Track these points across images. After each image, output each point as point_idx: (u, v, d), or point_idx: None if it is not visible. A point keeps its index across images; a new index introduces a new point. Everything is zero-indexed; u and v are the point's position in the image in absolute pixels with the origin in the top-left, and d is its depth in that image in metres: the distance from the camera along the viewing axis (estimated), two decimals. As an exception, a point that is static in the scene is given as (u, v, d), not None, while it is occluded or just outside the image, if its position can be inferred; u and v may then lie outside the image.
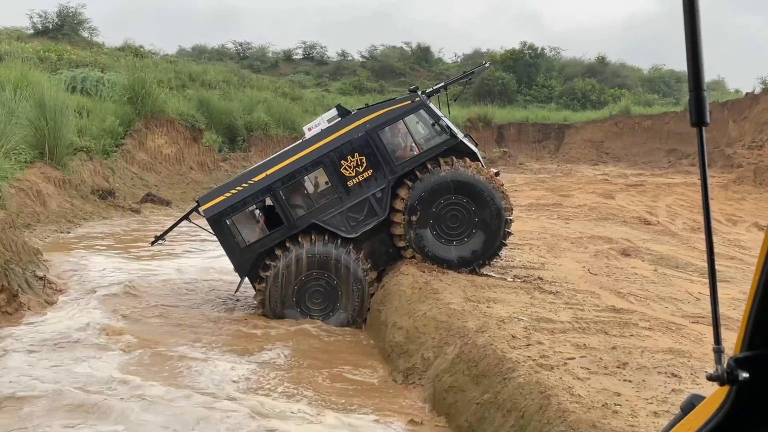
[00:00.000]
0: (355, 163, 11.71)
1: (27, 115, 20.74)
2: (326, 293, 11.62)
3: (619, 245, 15.20)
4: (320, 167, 11.81)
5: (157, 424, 7.44)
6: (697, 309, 9.95)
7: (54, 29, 48.14)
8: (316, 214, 11.75)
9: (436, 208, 11.67)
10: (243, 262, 11.79)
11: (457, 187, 11.65)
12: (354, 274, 11.57)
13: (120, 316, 11.66)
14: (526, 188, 28.64)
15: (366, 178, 11.77)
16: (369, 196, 11.78)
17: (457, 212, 11.72)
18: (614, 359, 7.39)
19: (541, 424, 6.15)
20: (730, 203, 22.61)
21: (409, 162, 11.89)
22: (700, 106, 1.03)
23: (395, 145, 12.15)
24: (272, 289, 11.53)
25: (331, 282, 11.59)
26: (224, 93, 38.43)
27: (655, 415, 5.89)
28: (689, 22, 0.99)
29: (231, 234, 11.70)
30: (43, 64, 32.92)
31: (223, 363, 9.62)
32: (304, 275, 11.54)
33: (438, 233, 11.74)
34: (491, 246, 11.76)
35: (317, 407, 8.08)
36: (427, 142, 12.04)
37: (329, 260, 11.54)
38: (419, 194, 11.62)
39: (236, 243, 11.71)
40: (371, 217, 11.82)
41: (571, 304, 9.95)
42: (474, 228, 11.72)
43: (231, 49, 64.04)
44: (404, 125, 12.08)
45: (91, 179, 23.35)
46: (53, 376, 8.77)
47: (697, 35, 0.99)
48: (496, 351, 7.67)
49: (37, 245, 15.47)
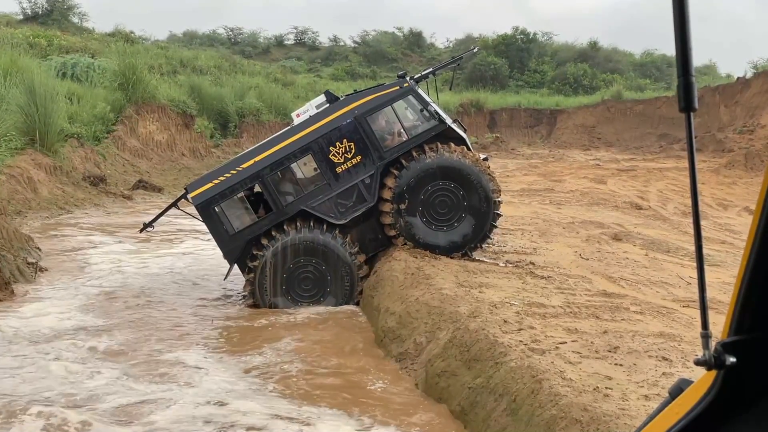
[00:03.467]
0: (343, 149, 11.69)
1: (17, 102, 20.61)
2: (315, 279, 11.63)
3: (611, 230, 15.24)
4: (309, 153, 11.77)
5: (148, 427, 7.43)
6: (688, 293, 10.00)
7: (44, 15, 47.84)
8: (305, 200, 11.73)
9: (425, 195, 11.67)
10: (232, 249, 11.77)
11: (443, 173, 11.65)
12: (342, 259, 11.58)
13: (107, 308, 11.65)
14: (518, 173, 28.67)
15: (355, 165, 11.75)
16: (358, 183, 11.77)
17: (445, 198, 11.72)
18: (605, 343, 7.43)
19: (533, 407, 6.19)
20: (721, 188, 22.69)
21: (397, 148, 11.88)
22: (688, 91, 1.03)
23: (384, 131, 12.12)
24: (261, 279, 11.53)
25: (320, 268, 11.60)
26: (216, 79, 38.24)
27: (646, 398, 5.93)
28: (678, 7, 0.99)
29: (220, 221, 11.68)
30: (32, 50, 32.67)
31: (210, 357, 9.63)
32: (292, 263, 11.55)
33: (428, 220, 11.75)
34: (481, 229, 11.77)
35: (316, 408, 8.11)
36: (416, 128, 12.02)
37: (317, 246, 11.55)
38: (407, 182, 11.62)
39: (225, 230, 11.69)
40: (360, 203, 11.82)
41: (563, 288, 9.99)
42: (463, 212, 11.73)
43: (222, 34, 63.79)
44: (393, 111, 12.05)
45: (82, 166, 23.25)
46: (34, 373, 8.76)
47: (686, 20, 0.99)
48: (488, 336, 7.70)
49: (28, 232, 15.42)
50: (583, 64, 54.67)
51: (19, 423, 7.04)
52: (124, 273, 13.70)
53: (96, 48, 37.34)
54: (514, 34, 58.32)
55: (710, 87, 37.81)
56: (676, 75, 1.02)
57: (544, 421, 5.93)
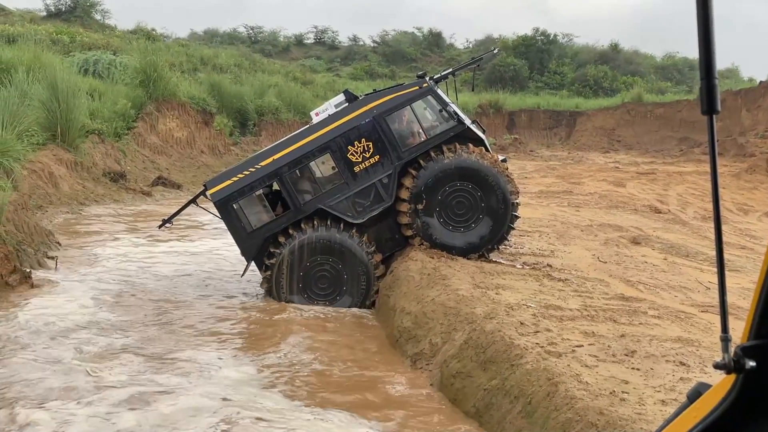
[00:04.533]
0: (362, 148, 11.69)
1: (39, 97, 20.77)
2: (332, 278, 11.65)
3: (629, 233, 15.16)
4: (327, 152, 11.78)
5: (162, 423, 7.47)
6: (707, 298, 9.92)
7: (67, 11, 48.17)
8: (323, 199, 11.74)
9: (442, 196, 11.65)
10: (249, 246, 11.80)
11: (461, 174, 11.62)
12: (359, 258, 11.59)
13: (124, 302, 11.72)
14: (537, 175, 28.55)
15: (373, 164, 11.74)
16: (375, 182, 11.75)
17: (463, 199, 11.69)
18: (622, 347, 7.39)
19: (548, 410, 6.17)
20: (742, 192, 22.49)
21: (416, 148, 11.86)
22: (711, 94, 1.03)
23: (402, 131, 12.11)
24: (278, 276, 11.57)
25: (336, 267, 11.61)
26: (235, 77, 38.36)
27: (663, 403, 5.90)
28: (701, 9, 0.98)
29: (238, 218, 11.70)
30: (55, 46, 32.93)
31: (225, 353, 9.67)
32: (308, 261, 11.57)
33: (445, 220, 11.73)
34: (499, 231, 11.73)
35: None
36: (435, 128, 11.99)
37: (333, 245, 11.57)
38: (424, 182, 11.59)
39: (243, 227, 11.72)
40: (378, 203, 11.81)
41: (580, 291, 9.95)
42: (481, 213, 11.70)
43: (242, 33, 63.98)
44: (411, 111, 12.03)
45: (102, 162, 23.42)
46: (56, 364, 8.83)
47: (710, 23, 0.98)
48: (504, 337, 7.68)
49: (48, 227, 15.56)
50: (603, 66, 54.37)
51: (35, 412, 7.12)
52: (141, 268, 13.78)
53: (118, 45, 37.57)
54: (534, 36, 58.10)
55: (732, 91, 37.44)
56: (699, 78, 1.02)
57: (559, 424, 5.91)
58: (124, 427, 7.04)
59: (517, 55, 55.15)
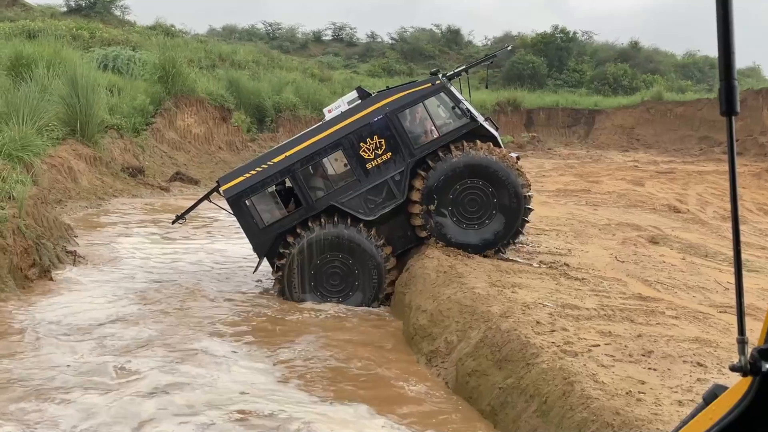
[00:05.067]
0: (374, 145, 11.67)
1: (59, 93, 20.93)
2: (343, 275, 11.66)
3: (648, 233, 15.07)
4: (339, 149, 11.77)
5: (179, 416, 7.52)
6: (725, 298, 9.86)
7: (87, 7, 48.54)
8: (335, 196, 11.74)
9: (453, 194, 11.62)
10: (261, 242, 11.82)
11: (471, 171, 11.59)
12: (370, 254, 11.60)
13: (142, 296, 11.80)
14: (555, 173, 28.45)
15: (385, 161, 11.72)
16: (388, 179, 11.74)
17: (475, 196, 11.66)
18: (639, 347, 7.36)
19: (563, 410, 6.16)
20: (762, 192, 22.30)
21: (428, 145, 11.84)
22: (730, 95, 1.02)
23: (415, 128, 12.09)
24: (290, 275, 11.59)
25: (347, 263, 11.63)
26: (253, 73, 38.50)
27: (680, 404, 5.87)
28: (721, 8, 0.98)
29: (250, 214, 11.72)
30: (75, 41, 33.17)
31: (241, 351, 9.72)
32: (319, 258, 11.58)
33: (458, 219, 11.72)
34: (513, 225, 11.68)
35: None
36: (447, 125, 11.96)
37: (342, 241, 11.58)
38: (434, 183, 11.58)
39: (255, 223, 11.73)
40: (390, 200, 11.78)
41: (597, 291, 9.91)
42: (494, 209, 11.66)
43: (261, 29, 64.19)
44: (424, 108, 12.01)
45: (121, 157, 23.58)
46: (70, 358, 8.91)
47: (729, 22, 0.98)
48: (520, 336, 7.67)
49: (67, 221, 15.68)
50: (623, 64, 54.09)
51: (58, 403, 7.20)
52: (159, 263, 13.87)
53: (137, 41, 37.79)
54: (553, 33, 57.85)
55: (753, 90, 37.12)
56: (719, 78, 1.02)
57: (575, 423, 5.90)
58: (145, 415, 7.12)
59: (535, 52, 54.96)
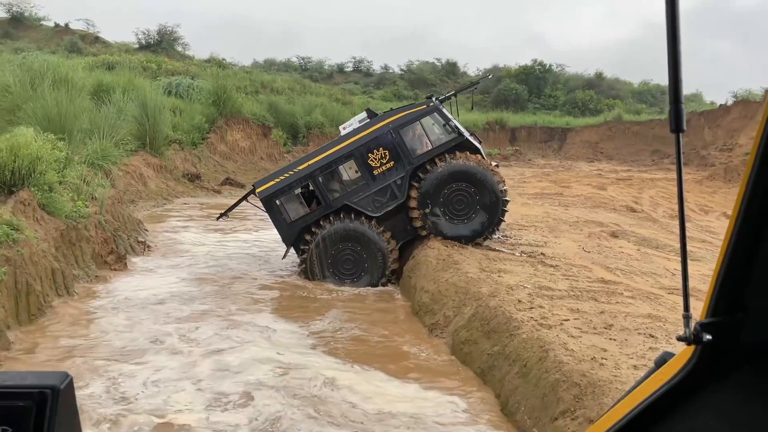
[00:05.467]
0: (380, 155, 11.79)
1: (132, 113, 21.05)
2: (355, 261, 11.69)
3: (609, 228, 15.00)
4: (352, 159, 11.88)
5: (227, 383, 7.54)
6: (673, 282, 9.80)
7: (155, 44, 48.69)
8: (348, 196, 11.85)
9: (443, 198, 11.75)
10: (289, 234, 11.95)
11: (454, 176, 11.69)
12: (375, 242, 11.63)
13: (199, 278, 11.85)
14: (533, 180, 28.32)
15: (389, 168, 11.83)
16: (391, 183, 11.86)
17: (461, 196, 11.77)
18: (602, 321, 7.33)
19: (540, 372, 6.14)
20: (703, 196, 22.13)
21: (424, 155, 11.94)
22: (678, 116, 1.02)
23: (413, 141, 12.15)
24: (312, 259, 11.65)
25: (357, 250, 11.66)
26: (289, 98, 38.46)
27: (635, 368, 5.84)
28: (671, 44, 0.98)
29: (279, 212, 11.85)
30: (145, 72, 33.29)
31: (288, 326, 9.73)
32: (333, 249, 11.64)
33: (450, 217, 11.81)
34: (495, 217, 11.82)
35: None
36: (439, 139, 12.05)
37: (350, 233, 11.64)
38: (426, 190, 11.70)
39: (284, 219, 11.86)
40: (392, 200, 11.90)
41: (568, 275, 9.88)
42: (477, 205, 11.77)
43: (295, 62, 64.07)
44: (421, 126, 12.10)
45: (182, 165, 23.68)
46: (150, 328, 8.96)
47: (678, 55, 0.97)
48: (504, 312, 7.66)
49: (138, 217, 15.77)
50: (589, 91, 53.67)
51: (133, 361, 7.26)
52: (212, 251, 13.93)
53: (195, 71, 37.88)
54: (533, 65, 57.49)
55: (696, 112, 36.79)
56: (668, 101, 1.01)
57: (549, 383, 5.89)
58: (201, 372, 7.21)
59: (518, 81, 54.59)
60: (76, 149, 14.35)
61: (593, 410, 5.21)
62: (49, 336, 8.13)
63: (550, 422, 5.57)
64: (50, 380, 0.97)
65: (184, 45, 50.88)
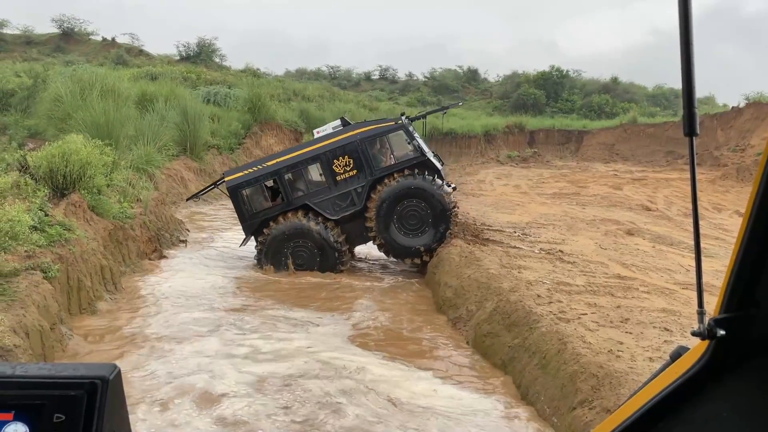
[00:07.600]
0: (344, 163, 11.82)
1: (174, 121, 21.31)
2: (308, 255, 11.79)
3: (625, 226, 14.79)
4: (317, 162, 11.90)
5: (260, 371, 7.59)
6: (687, 278, 9.64)
7: (194, 56, 49.25)
8: (310, 197, 11.88)
9: (397, 214, 11.77)
10: (250, 224, 12.03)
11: (408, 193, 11.72)
12: (327, 241, 11.68)
13: (238, 273, 11.96)
14: (551, 180, 28.05)
15: (351, 176, 11.86)
16: (351, 190, 11.87)
17: (414, 211, 11.77)
18: (618, 315, 7.24)
19: (559, 363, 6.09)
20: (716, 194, 21.71)
21: (386, 168, 11.94)
22: (691, 119, 1.00)
23: (377, 154, 12.12)
24: (268, 249, 11.77)
25: (307, 245, 11.75)
26: (319, 105, 38.65)
27: (650, 360, 5.76)
28: (684, 48, 0.96)
29: (243, 202, 11.92)
30: (186, 82, 33.67)
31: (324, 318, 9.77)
32: (292, 242, 11.73)
33: (405, 231, 11.84)
34: (445, 230, 11.80)
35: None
36: (402, 156, 12.03)
37: (302, 230, 11.72)
38: (382, 203, 11.72)
39: (246, 209, 11.95)
40: (351, 206, 11.92)
41: (585, 271, 9.77)
42: (429, 219, 11.77)
43: (325, 71, 64.37)
44: (387, 141, 12.09)
45: (220, 169, 23.85)
46: (192, 317, 9.06)
47: (691, 59, 0.96)
48: (524, 306, 7.60)
49: (180, 217, 15.96)
50: (605, 95, 52.99)
51: (178, 343, 7.36)
52: (247, 248, 14.01)
53: (232, 81, 38.23)
54: (550, 71, 56.94)
55: (709, 114, 36.07)
56: (682, 105, 0.99)
57: (567, 374, 5.83)
58: (240, 355, 7.36)
59: (536, 86, 54.12)
60: (122, 154, 14.59)
61: (610, 400, 5.14)
62: (99, 328, 8.28)
63: (568, 411, 5.52)
64: (100, 371, 0.99)
65: (222, 56, 51.41)
